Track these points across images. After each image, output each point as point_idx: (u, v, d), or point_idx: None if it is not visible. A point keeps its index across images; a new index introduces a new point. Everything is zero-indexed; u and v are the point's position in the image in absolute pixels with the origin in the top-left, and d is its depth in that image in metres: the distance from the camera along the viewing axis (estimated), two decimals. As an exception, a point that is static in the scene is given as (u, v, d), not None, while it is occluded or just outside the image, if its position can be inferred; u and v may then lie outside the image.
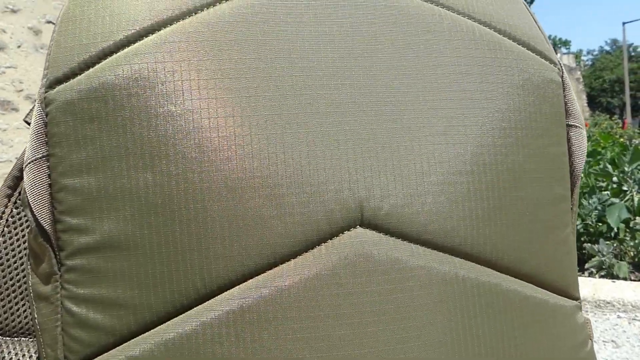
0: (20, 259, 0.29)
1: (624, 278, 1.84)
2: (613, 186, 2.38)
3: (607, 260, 1.90)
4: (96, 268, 0.22)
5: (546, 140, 0.26)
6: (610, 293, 1.63)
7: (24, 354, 0.29)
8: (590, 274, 1.93)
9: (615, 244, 2.02)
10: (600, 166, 2.59)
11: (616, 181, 2.39)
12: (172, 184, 0.21)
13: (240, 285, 0.21)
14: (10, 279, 0.29)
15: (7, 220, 0.28)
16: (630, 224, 2.06)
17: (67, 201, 0.22)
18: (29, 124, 0.26)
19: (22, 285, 0.29)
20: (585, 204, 2.19)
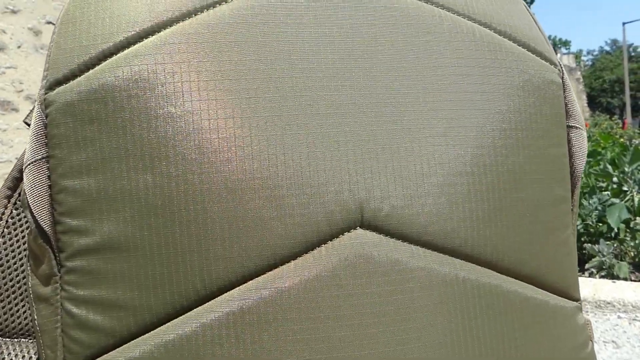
0: (20, 260, 0.29)
1: (624, 278, 1.84)
2: (613, 186, 2.38)
3: (607, 260, 1.90)
4: (96, 269, 0.22)
5: (546, 142, 0.26)
6: (610, 293, 1.63)
7: (24, 355, 0.29)
8: (591, 274, 1.93)
9: (615, 244, 2.02)
10: (601, 166, 2.59)
11: (616, 181, 2.39)
12: (172, 186, 0.21)
13: (240, 287, 0.21)
14: (10, 280, 0.29)
15: (6, 222, 0.28)
16: (631, 224, 2.06)
17: (67, 202, 0.22)
18: (29, 125, 0.26)
19: (22, 286, 0.29)
20: (586, 204, 2.19)
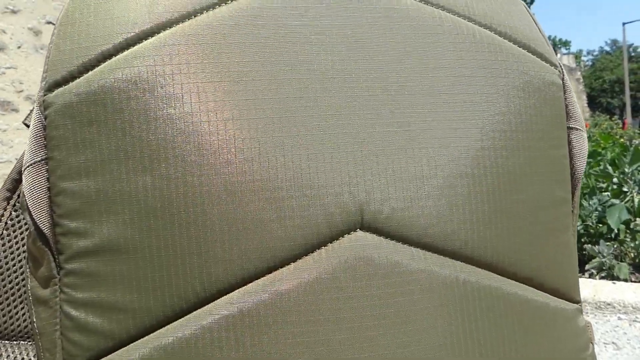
0: (20, 262, 0.29)
1: (624, 279, 1.84)
2: (613, 187, 2.38)
3: (607, 261, 1.89)
4: (95, 272, 0.22)
5: (547, 143, 0.26)
6: (610, 294, 1.63)
7: (23, 358, 0.29)
8: (591, 275, 1.93)
9: (615, 245, 2.02)
10: (601, 167, 2.58)
11: (616, 182, 2.39)
12: (172, 188, 0.21)
13: (240, 289, 0.21)
14: (10, 282, 0.29)
15: (6, 223, 0.28)
16: (631, 225, 2.06)
17: (66, 204, 0.22)
18: (28, 126, 0.26)
19: (21, 288, 0.29)
20: (586, 204, 2.19)
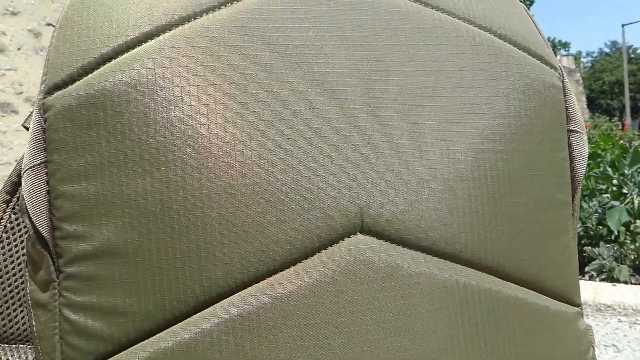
0: (19, 265, 0.29)
1: (624, 281, 1.84)
2: (613, 189, 2.38)
3: (607, 263, 1.89)
4: (95, 275, 0.22)
5: (547, 146, 0.26)
6: (610, 297, 1.62)
7: (22, 361, 0.29)
8: (591, 278, 1.92)
9: (615, 247, 2.02)
10: (600, 169, 2.58)
11: (616, 184, 2.39)
12: (171, 191, 0.21)
13: (240, 293, 0.21)
14: (9, 285, 0.29)
15: (5, 227, 0.28)
16: (631, 227, 2.06)
17: (66, 208, 0.22)
18: (27, 129, 0.26)
19: (21, 291, 0.29)
20: (586, 206, 2.18)
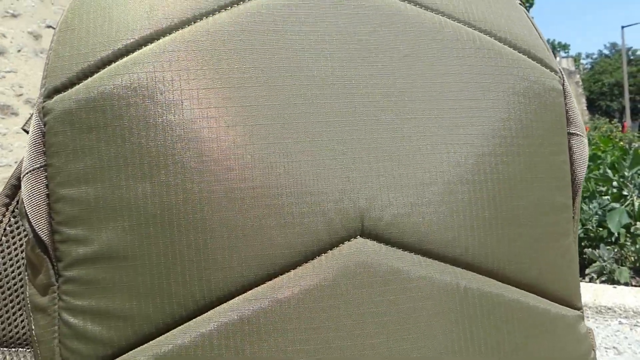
0: (18, 269, 0.29)
1: (625, 283, 1.83)
2: (613, 191, 2.38)
3: (608, 265, 1.89)
4: (94, 279, 0.22)
5: (547, 149, 0.26)
6: (611, 299, 1.62)
7: (22, 365, 0.29)
8: (591, 280, 1.92)
9: (616, 249, 2.02)
10: (600, 171, 2.58)
11: (616, 186, 2.39)
12: (172, 194, 0.21)
13: (240, 297, 0.21)
14: (8, 288, 0.29)
15: (4, 230, 0.28)
16: (631, 229, 2.06)
17: (65, 212, 0.22)
18: (27, 132, 0.26)
19: (20, 295, 0.29)
20: (586, 208, 2.18)
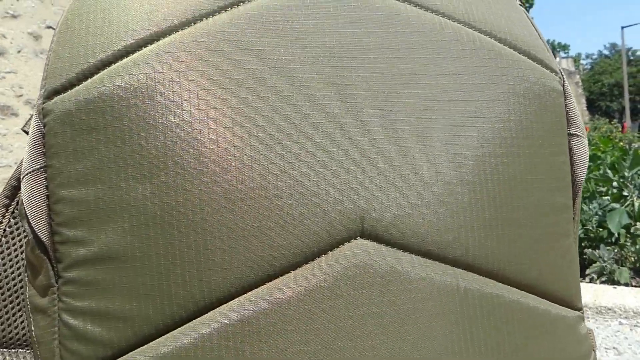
0: (18, 270, 0.29)
1: (625, 284, 1.83)
2: (613, 191, 2.37)
3: (608, 266, 1.89)
4: (94, 280, 0.22)
5: (547, 150, 0.26)
6: (611, 299, 1.62)
7: (21, 366, 0.29)
8: (591, 280, 1.92)
9: (616, 250, 2.02)
10: (600, 171, 2.58)
11: (616, 186, 2.39)
12: (171, 195, 0.21)
13: (240, 298, 0.21)
14: (8, 289, 0.29)
15: (4, 231, 0.28)
16: (631, 229, 2.06)
17: (65, 213, 0.22)
18: (27, 133, 0.26)
19: (20, 296, 0.29)
20: (586, 209, 2.18)
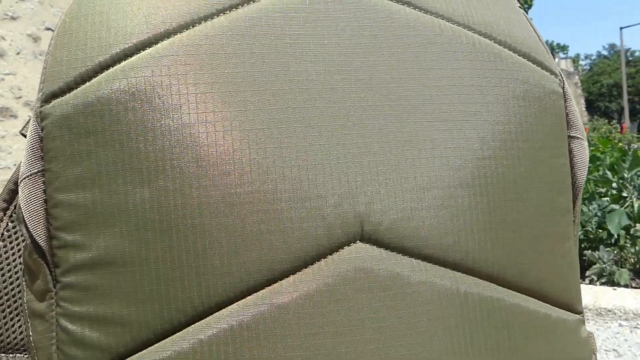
0: (16, 274, 0.29)
1: (625, 285, 1.83)
2: (613, 192, 2.37)
3: (607, 267, 1.89)
4: (92, 285, 0.22)
5: (547, 152, 0.26)
6: (611, 301, 1.62)
7: (19, 370, 0.28)
8: (591, 281, 1.92)
9: (615, 251, 2.02)
10: (600, 172, 2.58)
11: (616, 187, 2.39)
12: (170, 200, 0.21)
13: (239, 302, 0.21)
14: (6, 294, 0.28)
15: (2, 235, 0.28)
16: (631, 230, 2.06)
17: (63, 217, 0.22)
18: (25, 136, 0.26)
19: (18, 300, 0.29)
20: (585, 210, 2.18)
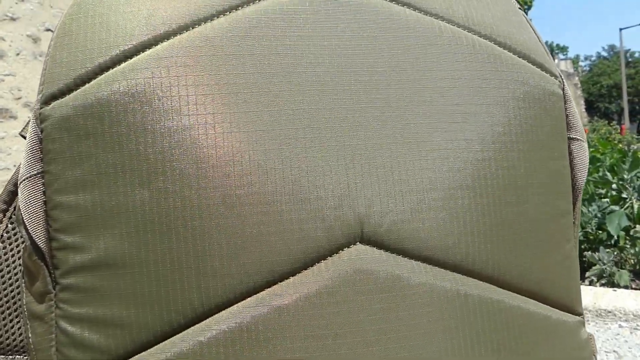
0: (16, 275, 0.29)
1: (625, 286, 1.83)
2: (612, 193, 2.37)
3: (607, 268, 1.89)
4: (91, 287, 0.22)
5: (547, 154, 0.26)
6: (611, 302, 1.62)
7: (19, 372, 0.28)
8: (591, 283, 1.92)
9: (615, 252, 2.01)
10: (600, 173, 2.58)
11: (615, 188, 2.39)
12: (169, 201, 0.21)
13: (239, 304, 0.21)
14: (5, 295, 0.28)
15: (2, 236, 0.28)
16: (631, 231, 2.06)
17: (62, 219, 0.22)
18: (24, 137, 0.26)
19: (18, 302, 0.29)
20: (585, 211, 2.18)
